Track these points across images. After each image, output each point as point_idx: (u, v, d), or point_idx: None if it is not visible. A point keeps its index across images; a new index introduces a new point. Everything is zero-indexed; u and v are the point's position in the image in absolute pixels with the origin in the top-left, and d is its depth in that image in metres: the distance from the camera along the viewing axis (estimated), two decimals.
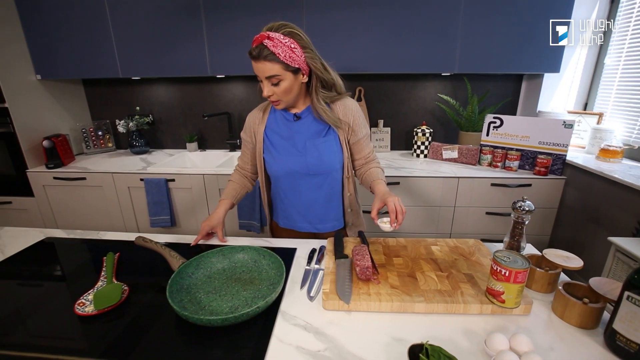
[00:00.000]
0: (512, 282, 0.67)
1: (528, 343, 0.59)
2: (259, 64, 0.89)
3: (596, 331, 0.67)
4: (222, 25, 1.84)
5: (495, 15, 1.72)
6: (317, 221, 1.10)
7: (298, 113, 1.03)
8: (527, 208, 0.84)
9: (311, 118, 1.03)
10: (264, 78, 0.91)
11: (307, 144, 1.02)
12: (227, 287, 0.82)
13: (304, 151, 1.02)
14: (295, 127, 1.03)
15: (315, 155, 1.02)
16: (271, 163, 1.05)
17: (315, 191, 1.07)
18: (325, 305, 0.74)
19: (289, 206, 1.10)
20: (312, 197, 1.07)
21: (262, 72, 0.90)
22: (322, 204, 1.09)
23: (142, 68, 1.97)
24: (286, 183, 1.07)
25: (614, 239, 1.26)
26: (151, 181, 1.87)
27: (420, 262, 0.87)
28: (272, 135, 1.06)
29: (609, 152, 1.61)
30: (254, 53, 0.88)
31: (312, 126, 1.03)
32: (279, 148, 1.04)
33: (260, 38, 0.87)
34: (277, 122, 1.06)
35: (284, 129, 1.04)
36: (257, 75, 0.92)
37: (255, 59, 0.89)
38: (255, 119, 1.08)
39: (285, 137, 1.04)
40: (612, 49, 1.77)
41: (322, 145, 1.02)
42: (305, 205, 1.09)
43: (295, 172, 1.04)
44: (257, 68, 0.90)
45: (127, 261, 0.95)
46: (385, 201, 0.89)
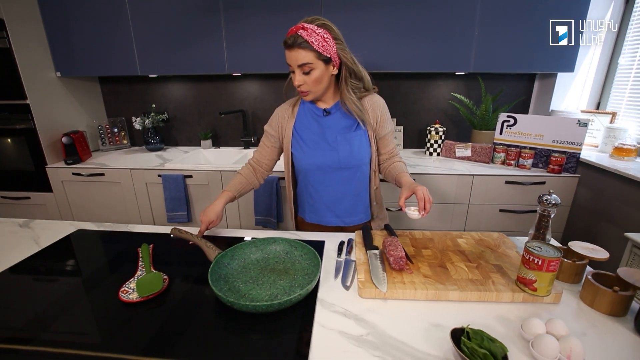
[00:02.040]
0: (544, 271, 0.70)
1: (564, 327, 0.61)
2: (292, 52, 0.92)
3: (625, 319, 0.70)
4: (240, 24, 1.87)
5: (511, 15, 1.74)
6: (346, 215, 1.13)
7: (327, 108, 1.06)
8: (554, 202, 0.86)
9: (340, 113, 1.06)
10: (296, 67, 0.94)
11: (338, 138, 1.05)
12: (264, 276, 0.84)
13: (335, 145, 1.05)
14: (325, 122, 1.06)
15: (347, 148, 1.04)
16: (301, 157, 1.08)
17: (345, 185, 1.09)
18: (362, 293, 0.76)
19: (318, 201, 1.13)
20: (342, 190, 1.10)
21: (295, 60, 0.93)
22: (351, 197, 1.11)
23: (160, 66, 2.00)
24: (316, 177, 1.10)
25: (631, 234, 1.28)
26: (169, 177, 1.90)
27: (449, 253, 0.90)
28: (301, 130, 1.08)
29: (623, 151, 1.63)
30: (289, 42, 0.92)
31: (341, 121, 1.06)
32: (310, 143, 1.07)
33: (295, 29, 0.92)
34: (307, 117, 1.08)
35: (314, 124, 1.07)
36: (290, 64, 0.96)
37: (289, 47, 0.92)
38: (285, 114, 1.11)
39: (316, 132, 1.07)
40: (627, 48, 1.79)
41: (353, 139, 1.05)
42: (334, 199, 1.11)
43: (327, 166, 1.07)
44: (290, 56, 0.94)
45: (161, 252, 0.98)
46: (414, 190, 0.92)
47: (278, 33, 1.86)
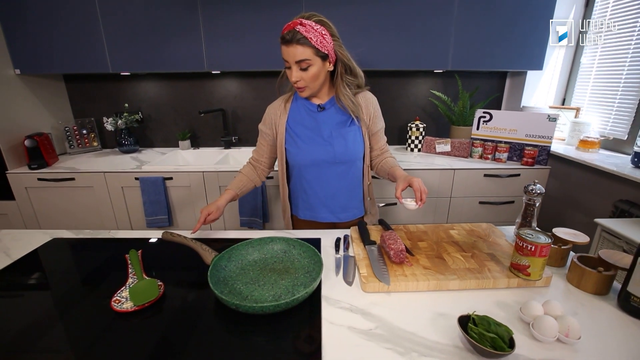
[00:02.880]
0: (537, 256, 0.74)
1: (560, 307, 0.65)
2: (290, 47, 0.91)
3: (608, 296, 0.76)
4: (220, 20, 1.81)
5: (485, 16, 1.82)
6: (340, 210, 1.13)
7: (322, 104, 1.06)
8: (539, 191, 0.92)
9: (334, 109, 1.07)
10: (294, 63, 0.93)
11: (333, 133, 1.05)
12: (264, 277, 0.83)
13: (330, 140, 1.05)
14: (319, 118, 1.06)
15: (342, 143, 1.05)
16: (296, 153, 1.07)
17: (340, 180, 1.10)
18: (366, 288, 0.77)
19: (312, 196, 1.12)
20: (337, 186, 1.10)
21: (292, 56, 0.92)
22: (345, 192, 1.12)
23: (134, 63, 1.89)
24: (311, 173, 1.09)
25: (600, 220, 1.39)
26: (147, 180, 1.81)
27: (444, 244, 0.93)
28: (295, 125, 1.07)
29: (588, 143, 1.76)
30: (287, 37, 0.91)
31: (336, 116, 1.06)
32: (304, 138, 1.06)
33: (292, 25, 0.91)
34: (300, 113, 1.07)
35: (307, 120, 1.07)
36: (287, 60, 0.94)
37: (287, 43, 0.91)
38: (277, 111, 1.09)
39: (310, 127, 1.06)
40: (588, 49, 1.93)
41: (347, 134, 1.05)
42: (329, 194, 1.11)
43: (322, 161, 1.06)
44: (287, 52, 0.92)
45: (150, 258, 0.94)
46: (410, 182, 0.95)
47: (260, 30, 1.83)
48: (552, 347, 0.61)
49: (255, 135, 2.32)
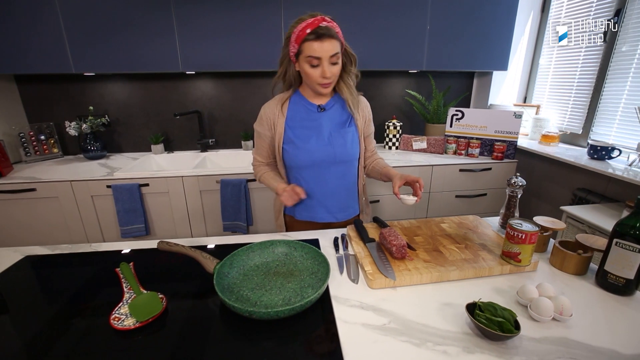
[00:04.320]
0: (527, 243, 0.80)
1: (552, 289, 0.71)
2: (325, 42, 0.91)
3: (586, 276, 0.84)
4: (195, 19, 1.75)
5: (456, 20, 1.93)
6: (337, 210, 1.15)
7: (322, 105, 1.07)
8: (520, 183, 1.00)
9: (333, 110, 1.08)
10: (327, 58, 0.93)
11: (332, 133, 1.06)
12: (269, 281, 0.82)
13: (330, 140, 1.06)
14: (319, 118, 1.07)
15: (341, 143, 1.06)
16: (295, 154, 1.06)
17: (338, 180, 1.11)
18: (372, 284, 0.79)
19: (311, 197, 1.12)
20: (336, 185, 1.11)
21: (327, 51, 0.92)
22: (343, 192, 1.14)
23: (101, 63, 1.77)
24: (310, 173, 1.09)
25: (565, 207, 1.53)
26: (121, 187, 1.71)
27: (438, 238, 0.97)
28: (294, 126, 1.07)
29: (549, 138, 1.93)
30: (322, 31, 0.89)
31: (335, 117, 1.08)
32: (304, 138, 1.06)
33: (317, 21, 0.90)
34: (300, 113, 1.07)
35: (307, 120, 1.07)
36: (319, 56, 0.92)
37: (321, 37, 0.90)
38: (274, 110, 1.08)
39: (310, 128, 1.06)
40: (545, 51, 2.11)
41: (346, 135, 1.07)
42: (328, 194, 1.12)
43: (322, 161, 1.07)
44: (321, 48, 0.91)
45: (143, 270, 0.89)
46: (406, 178, 1.00)
47: (236, 29, 1.79)
48: (549, 325, 0.67)
49: (234, 137, 2.30)
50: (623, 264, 0.73)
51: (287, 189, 1.03)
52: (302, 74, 1.00)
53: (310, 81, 0.99)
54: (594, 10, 1.77)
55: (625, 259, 0.73)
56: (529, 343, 0.62)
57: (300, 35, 0.92)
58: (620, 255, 0.73)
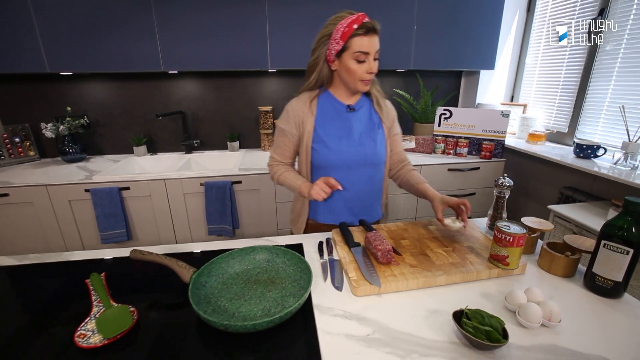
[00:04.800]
0: (515, 246, 0.78)
1: (541, 294, 0.69)
2: (373, 37, 0.91)
3: (574, 278, 0.82)
4: (176, 16, 1.69)
5: (443, 19, 1.92)
6: (363, 213, 1.10)
7: (352, 105, 1.04)
8: (508, 184, 0.98)
9: (362, 111, 1.05)
10: (374, 53, 0.92)
11: (362, 134, 1.03)
12: (249, 290, 0.78)
13: (360, 142, 1.03)
14: (349, 118, 1.03)
15: (371, 145, 1.04)
16: (326, 153, 1.02)
17: (366, 183, 1.07)
18: (357, 292, 0.75)
19: (338, 199, 1.08)
20: (364, 188, 1.08)
21: (374, 46, 0.92)
22: (369, 195, 1.10)
23: (78, 62, 1.70)
24: (339, 174, 1.04)
25: (552, 207, 1.52)
26: (100, 191, 1.64)
27: (425, 241, 0.95)
28: (324, 125, 1.03)
29: (536, 136, 1.93)
30: (371, 25, 0.89)
31: (364, 118, 1.05)
32: (334, 138, 1.02)
33: (361, 17, 0.90)
34: (329, 112, 1.04)
35: (337, 120, 1.03)
36: (367, 52, 0.91)
37: (371, 32, 0.90)
38: (303, 108, 1.03)
39: (340, 128, 1.03)
40: (531, 49, 2.12)
41: (376, 137, 1.05)
42: (355, 197, 1.08)
43: (352, 163, 1.03)
44: (370, 43, 0.91)
45: (115, 281, 0.83)
46: (449, 201, 0.95)
47: (221, 27, 1.74)
48: (537, 332, 0.64)
49: (219, 138, 2.24)
50: (611, 266, 0.72)
51: (317, 182, 0.97)
52: (343, 72, 0.97)
53: (352, 78, 0.96)
54: (578, 10, 1.78)
55: (613, 261, 0.71)
56: (518, 351, 0.60)
57: (347, 32, 0.90)
58: (608, 257, 0.72)
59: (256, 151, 2.22)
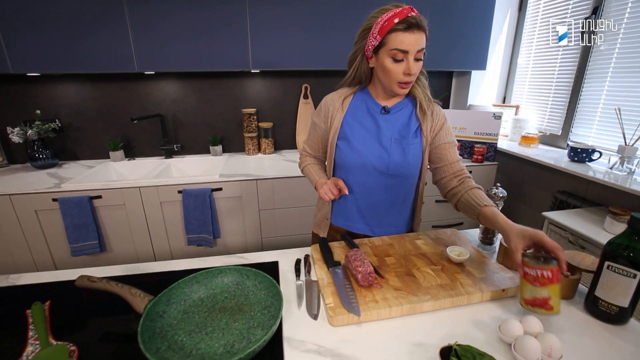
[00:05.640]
0: (556, 282, 0.63)
1: (539, 324, 0.61)
2: (416, 34, 0.80)
3: (574, 300, 0.75)
4: (149, 12, 1.59)
5: (433, 18, 1.84)
6: (376, 224, 1.01)
7: (387, 107, 0.94)
8: (501, 195, 0.90)
9: (400, 114, 0.94)
10: (414, 52, 0.81)
11: (392, 141, 0.92)
12: (212, 321, 0.69)
13: (388, 148, 0.92)
14: (381, 121, 0.94)
15: (400, 154, 0.92)
16: (348, 153, 0.94)
17: (385, 193, 0.97)
18: (334, 321, 0.67)
19: (352, 204, 0.99)
20: (381, 198, 0.97)
21: (415, 44, 0.80)
22: (387, 207, 0.99)
23: (45, 62, 1.58)
24: (357, 178, 0.95)
25: (547, 213, 1.46)
26: (69, 201, 1.53)
27: (412, 258, 0.87)
28: (353, 123, 0.95)
29: (529, 139, 1.87)
30: (415, 21, 0.79)
31: (398, 123, 0.94)
32: (360, 138, 0.93)
33: (405, 11, 0.80)
34: (361, 110, 0.95)
35: (368, 120, 0.94)
36: (406, 50, 0.80)
37: (411, 29, 0.79)
38: (335, 103, 0.97)
39: (369, 129, 0.94)
40: (523, 49, 2.06)
41: (408, 147, 0.92)
42: (370, 206, 0.99)
43: (373, 169, 0.93)
44: (412, 40, 0.80)
45: (63, 311, 0.74)
46: (536, 240, 0.66)
47: (200, 25, 1.64)
48: None
49: (201, 142, 2.14)
50: (616, 290, 0.64)
51: (327, 182, 0.93)
52: (379, 71, 0.87)
53: (388, 79, 0.85)
54: (571, 8, 1.72)
55: (618, 285, 0.64)
56: None
57: (386, 26, 0.81)
58: (613, 281, 0.64)
59: (240, 155, 2.12)
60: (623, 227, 1.25)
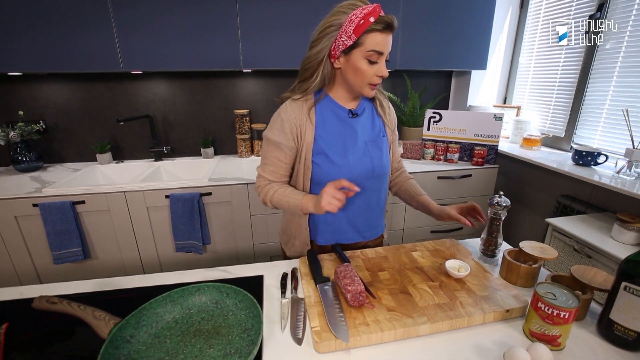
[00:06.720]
0: (569, 323, 0.58)
1: (548, 354, 0.55)
2: (389, 35, 0.78)
3: (585, 321, 0.68)
4: (134, 9, 1.52)
5: (431, 18, 1.78)
6: (366, 229, 0.97)
7: (354, 110, 0.89)
8: (504, 204, 0.83)
9: (364, 116, 0.91)
10: (387, 53, 0.79)
11: (367, 143, 0.90)
12: (185, 346, 0.62)
13: (365, 152, 0.89)
14: (352, 126, 0.89)
15: (378, 155, 0.90)
16: (329, 168, 0.86)
17: (372, 196, 0.94)
18: (319, 347, 0.60)
19: (340, 217, 0.93)
20: (367, 202, 0.94)
21: (388, 46, 0.79)
22: (375, 209, 0.96)
23: (26, 61, 1.51)
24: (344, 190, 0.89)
25: (551, 220, 1.39)
26: (50, 206, 1.46)
27: (408, 273, 0.80)
28: (326, 135, 0.87)
29: (531, 141, 1.80)
30: (390, 20, 0.76)
31: (367, 125, 0.92)
32: (338, 150, 0.87)
33: (377, 9, 0.76)
34: (330, 118, 0.88)
35: (340, 128, 0.88)
36: (382, 52, 0.78)
37: (388, 29, 0.77)
38: (300, 115, 0.85)
39: (343, 137, 0.88)
40: (525, 49, 1.99)
41: (382, 145, 0.92)
42: (360, 212, 0.94)
43: (359, 176, 0.88)
44: (386, 41, 0.77)
45: (24, 333, 0.67)
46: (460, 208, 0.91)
47: (185, 24, 1.57)
48: None
49: (191, 144, 2.07)
50: (634, 314, 0.58)
51: (325, 190, 0.76)
52: (349, 72, 0.81)
53: (359, 80, 0.81)
54: (575, 6, 1.65)
55: (637, 308, 0.57)
56: None
57: (362, 25, 0.75)
58: (631, 303, 0.58)
59: (232, 158, 2.05)
60: (632, 236, 1.19)
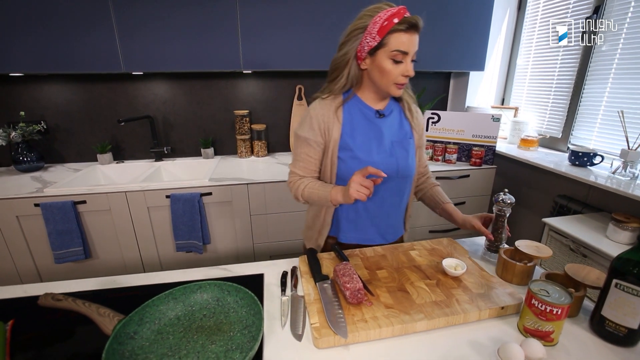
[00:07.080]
0: (562, 319, 0.60)
1: (541, 349, 0.56)
2: (414, 35, 0.80)
3: (578, 318, 0.70)
4: (135, 10, 1.53)
5: (430, 18, 1.79)
6: (387, 231, 0.99)
7: (381, 110, 0.91)
8: (509, 201, 0.85)
9: (392, 117, 0.93)
10: (413, 53, 0.81)
11: (394, 143, 0.91)
12: (188, 342, 0.63)
13: (391, 152, 0.91)
14: (379, 125, 0.91)
15: (404, 156, 0.92)
16: (354, 165, 0.88)
17: (394, 197, 0.95)
18: (319, 343, 0.62)
19: (363, 216, 0.94)
20: (391, 203, 0.95)
21: (414, 45, 0.81)
22: (397, 211, 0.98)
23: (27, 62, 1.52)
24: None
25: (547, 219, 1.41)
26: (52, 206, 1.47)
27: (405, 271, 0.82)
28: (352, 133, 0.90)
29: (528, 142, 1.82)
30: (415, 21, 0.78)
31: (394, 126, 0.93)
32: (364, 148, 0.89)
33: (402, 10, 0.78)
34: (357, 117, 0.90)
35: (366, 127, 0.90)
36: (406, 51, 0.80)
37: (413, 29, 0.79)
38: (328, 113, 0.89)
39: (370, 136, 0.90)
40: (522, 50, 2.01)
41: (409, 147, 0.93)
42: (383, 213, 0.96)
43: None
44: (411, 41, 0.80)
45: (29, 330, 0.68)
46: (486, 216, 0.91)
47: (185, 25, 1.59)
48: None
49: (192, 145, 2.08)
50: (625, 310, 0.59)
51: (353, 179, 0.76)
52: (375, 72, 0.84)
53: (386, 80, 0.84)
54: (572, 8, 1.67)
55: (627, 305, 0.59)
56: None
57: (386, 26, 0.78)
58: (622, 300, 0.59)
59: (232, 158, 2.06)
60: (626, 235, 1.21)
